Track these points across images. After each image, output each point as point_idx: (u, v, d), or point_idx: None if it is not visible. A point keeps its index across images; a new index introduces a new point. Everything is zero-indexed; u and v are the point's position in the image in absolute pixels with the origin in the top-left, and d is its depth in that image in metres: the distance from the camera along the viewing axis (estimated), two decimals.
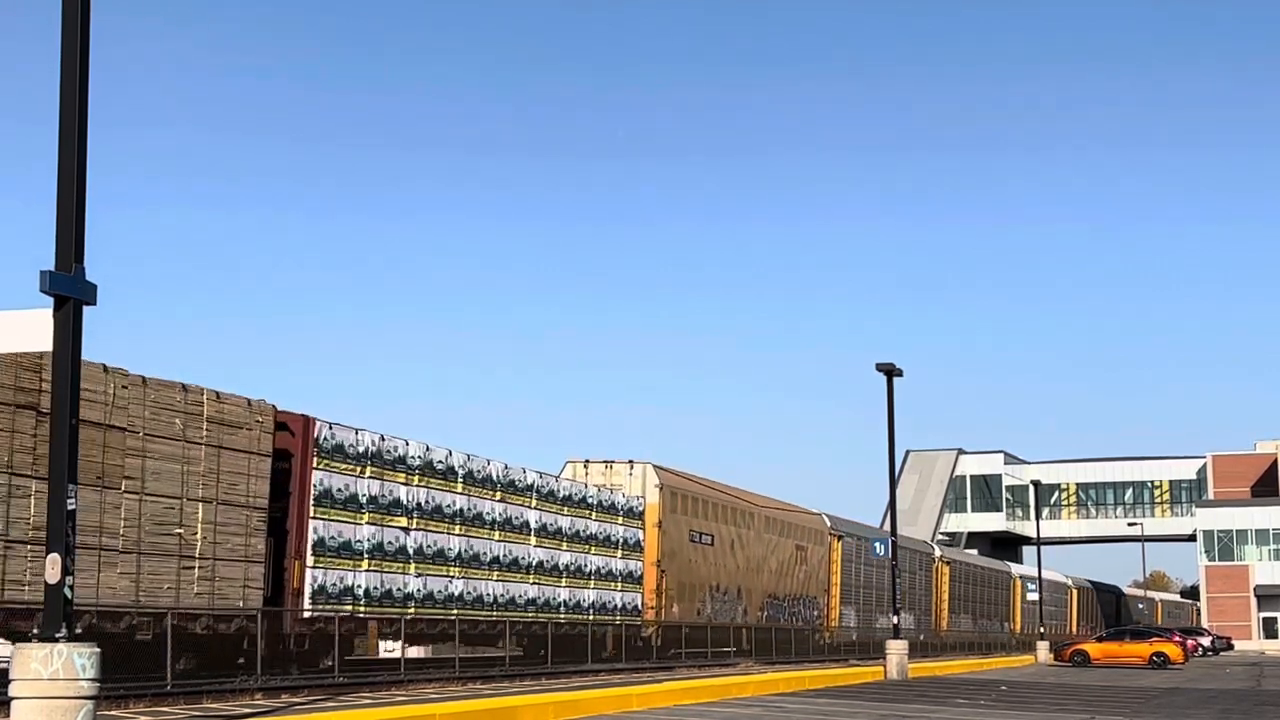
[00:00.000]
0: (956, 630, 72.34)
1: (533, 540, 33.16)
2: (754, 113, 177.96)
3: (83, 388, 15.93)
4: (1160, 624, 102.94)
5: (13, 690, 12.34)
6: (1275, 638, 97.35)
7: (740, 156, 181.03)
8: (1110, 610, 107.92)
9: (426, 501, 28.63)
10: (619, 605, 37.64)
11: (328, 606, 25.17)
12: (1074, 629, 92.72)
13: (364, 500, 26.56)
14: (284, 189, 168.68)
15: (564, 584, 34.67)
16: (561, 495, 34.82)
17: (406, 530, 27.87)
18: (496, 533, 31.50)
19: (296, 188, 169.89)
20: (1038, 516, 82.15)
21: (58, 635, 12.40)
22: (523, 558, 32.66)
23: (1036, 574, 76.91)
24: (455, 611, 29.35)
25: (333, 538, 25.54)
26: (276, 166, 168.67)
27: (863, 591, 60.05)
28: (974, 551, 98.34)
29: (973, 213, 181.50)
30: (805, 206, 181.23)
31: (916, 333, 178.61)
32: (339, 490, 25.79)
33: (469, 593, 30.19)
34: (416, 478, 28.32)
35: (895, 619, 41.60)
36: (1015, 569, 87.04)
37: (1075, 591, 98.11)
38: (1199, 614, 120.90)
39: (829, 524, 56.47)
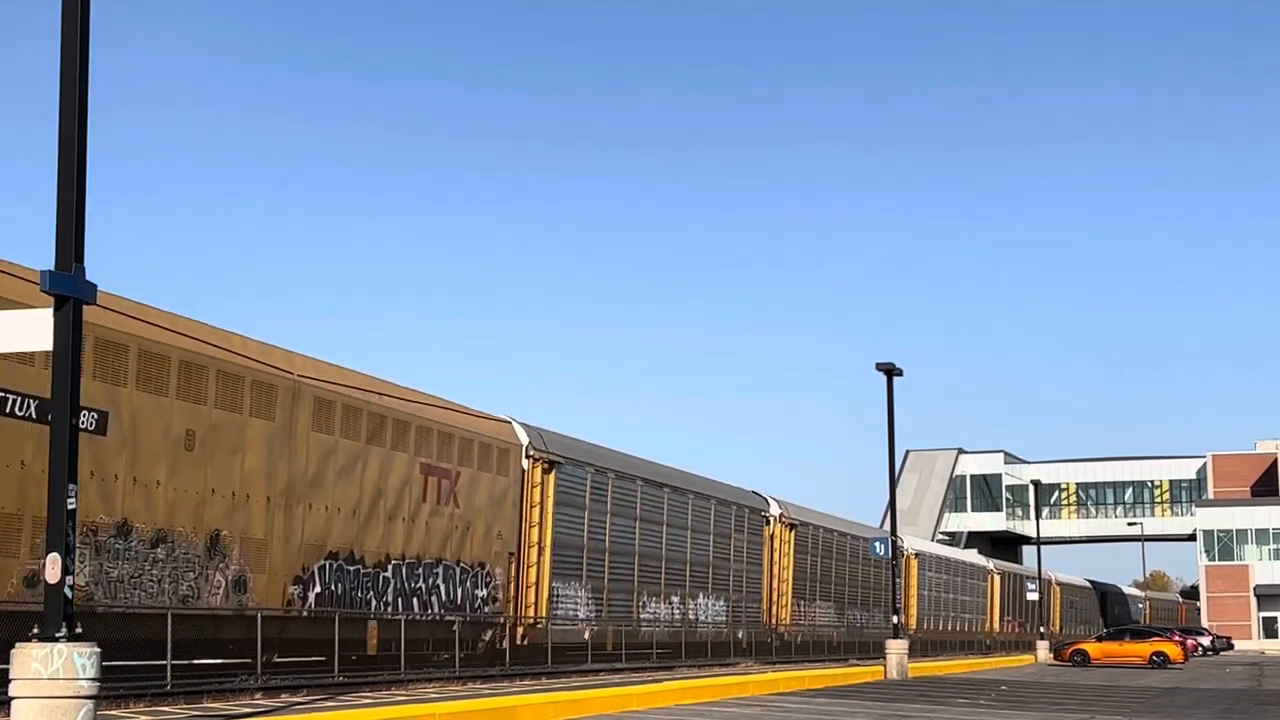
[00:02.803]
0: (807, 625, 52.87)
1: None
2: (754, 108, 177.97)
3: None
4: (1145, 623, 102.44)
5: (13, 690, 12.33)
6: (1275, 637, 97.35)
7: (740, 153, 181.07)
8: (1089, 608, 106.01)
9: None
10: None
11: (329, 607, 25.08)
12: (994, 624, 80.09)
13: None
14: (281, 183, 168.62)
15: None
16: None
17: None
18: None
19: (295, 185, 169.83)
20: (1038, 516, 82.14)
21: (58, 635, 12.38)
22: None
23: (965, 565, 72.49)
24: None
25: None
26: (274, 160, 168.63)
27: (614, 560, 36.75)
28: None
29: (973, 212, 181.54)
30: (805, 205, 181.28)
31: (916, 332, 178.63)
32: None
33: None
34: None
35: (895, 619, 41.56)
36: (909, 542, 65.69)
37: (997, 578, 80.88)
38: (1187, 612, 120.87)
39: (524, 437, 32.84)
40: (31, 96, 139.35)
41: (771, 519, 48.41)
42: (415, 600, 28.22)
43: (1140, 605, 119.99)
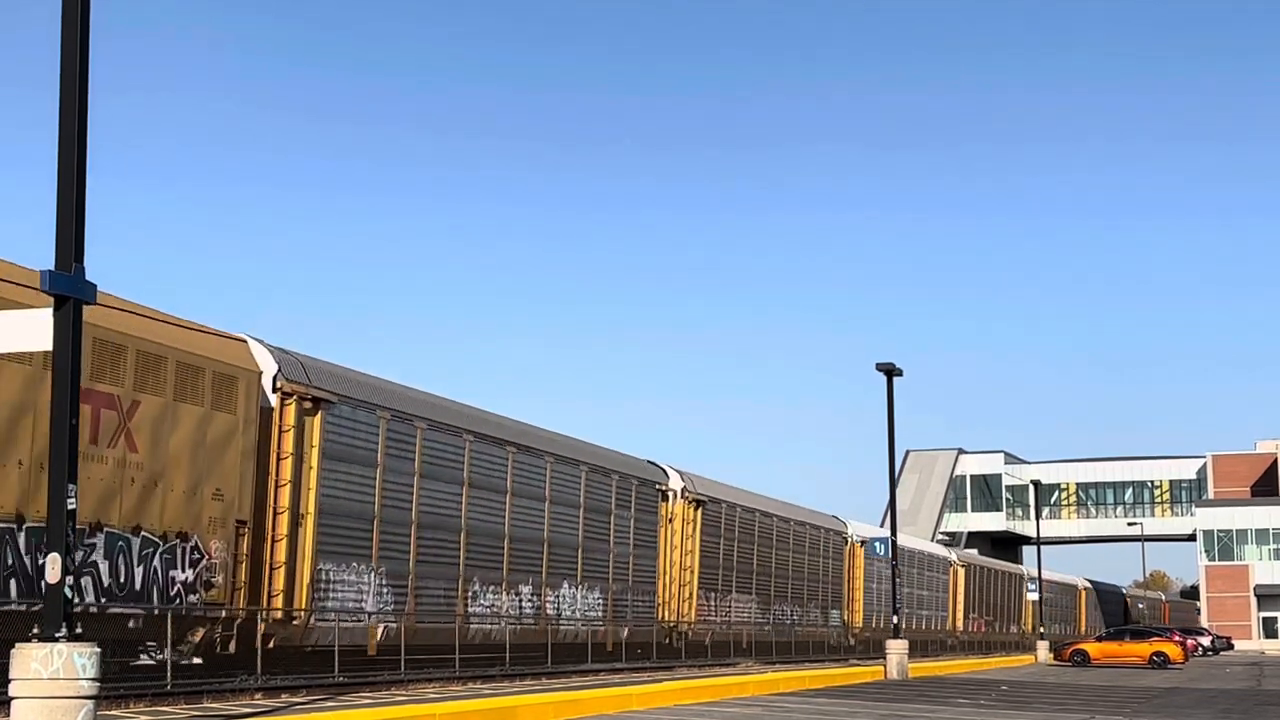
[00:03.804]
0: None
1: None
2: (754, 108, 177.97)
3: None
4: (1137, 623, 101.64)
5: (13, 690, 12.33)
6: (1275, 637, 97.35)
7: (740, 153, 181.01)
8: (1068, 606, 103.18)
9: None
10: None
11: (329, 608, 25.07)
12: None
13: None
14: (280, 180, 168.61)
15: None
16: None
17: None
18: None
19: (294, 182, 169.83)
20: (1038, 516, 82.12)
21: (58, 635, 12.38)
22: None
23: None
24: None
25: None
26: (273, 158, 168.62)
27: (427, 537, 28.38)
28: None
29: (973, 212, 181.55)
30: (805, 205, 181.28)
31: (916, 332, 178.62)
32: None
33: None
34: None
35: (895, 618, 41.54)
36: (854, 528, 58.50)
37: (961, 571, 73.98)
38: (1171, 610, 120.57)
39: (268, 363, 24.39)
40: (32, 96, 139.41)
41: (671, 494, 40.25)
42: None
43: (1141, 607, 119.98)
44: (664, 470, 40.73)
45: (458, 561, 29.38)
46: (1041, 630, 70.82)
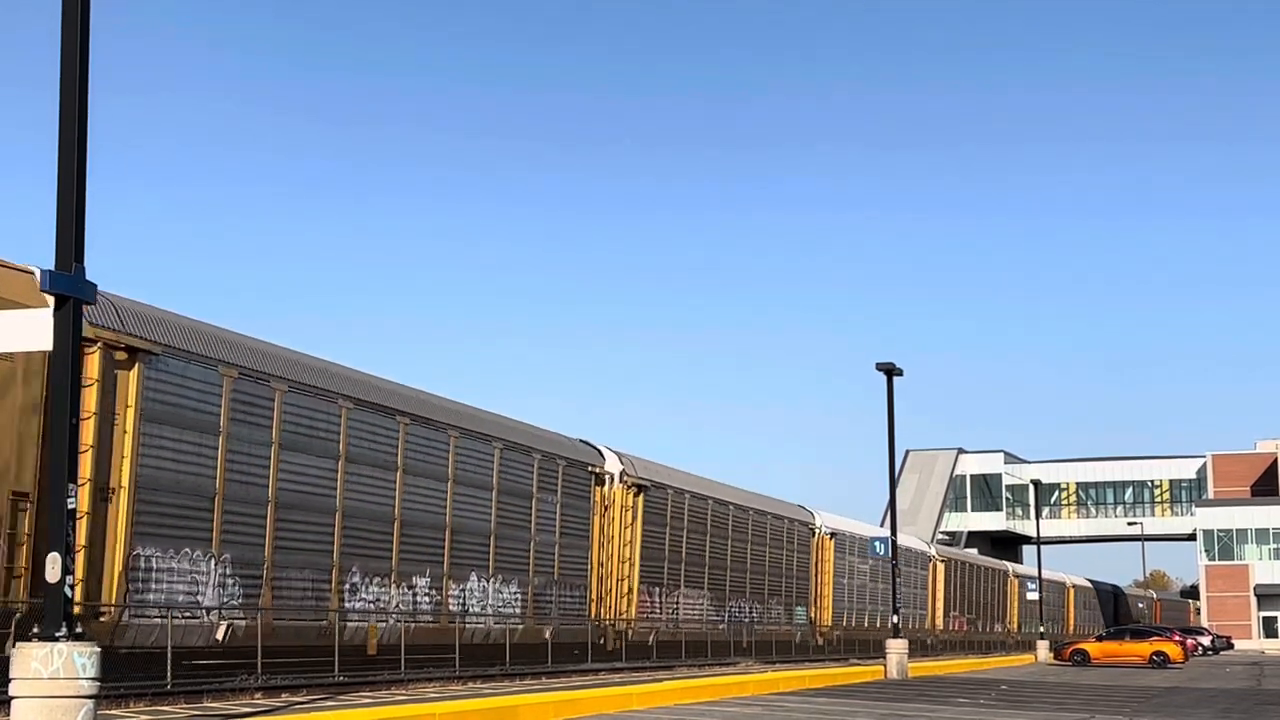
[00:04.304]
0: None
1: None
2: (754, 108, 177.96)
3: None
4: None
5: (13, 690, 12.33)
6: (1275, 637, 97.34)
7: (740, 153, 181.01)
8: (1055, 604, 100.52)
9: None
10: None
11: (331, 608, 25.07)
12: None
13: None
14: (279, 178, 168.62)
15: None
16: None
17: None
18: None
19: (294, 182, 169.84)
20: (1038, 516, 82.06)
21: (58, 635, 12.38)
22: None
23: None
24: None
25: None
26: (271, 156, 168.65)
27: (288, 519, 24.47)
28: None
29: (973, 212, 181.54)
30: (805, 205, 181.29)
31: (916, 332, 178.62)
32: None
33: None
34: None
35: (895, 618, 41.53)
36: (822, 519, 53.96)
37: (941, 566, 69.79)
38: (1163, 609, 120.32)
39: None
40: (32, 95, 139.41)
41: (607, 477, 36.25)
42: None
43: (1140, 605, 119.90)
44: (599, 451, 36.58)
45: (331, 548, 25.22)
46: (1042, 630, 70.78)
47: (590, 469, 35.59)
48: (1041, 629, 71.01)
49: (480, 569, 30.39)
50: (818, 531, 52.68)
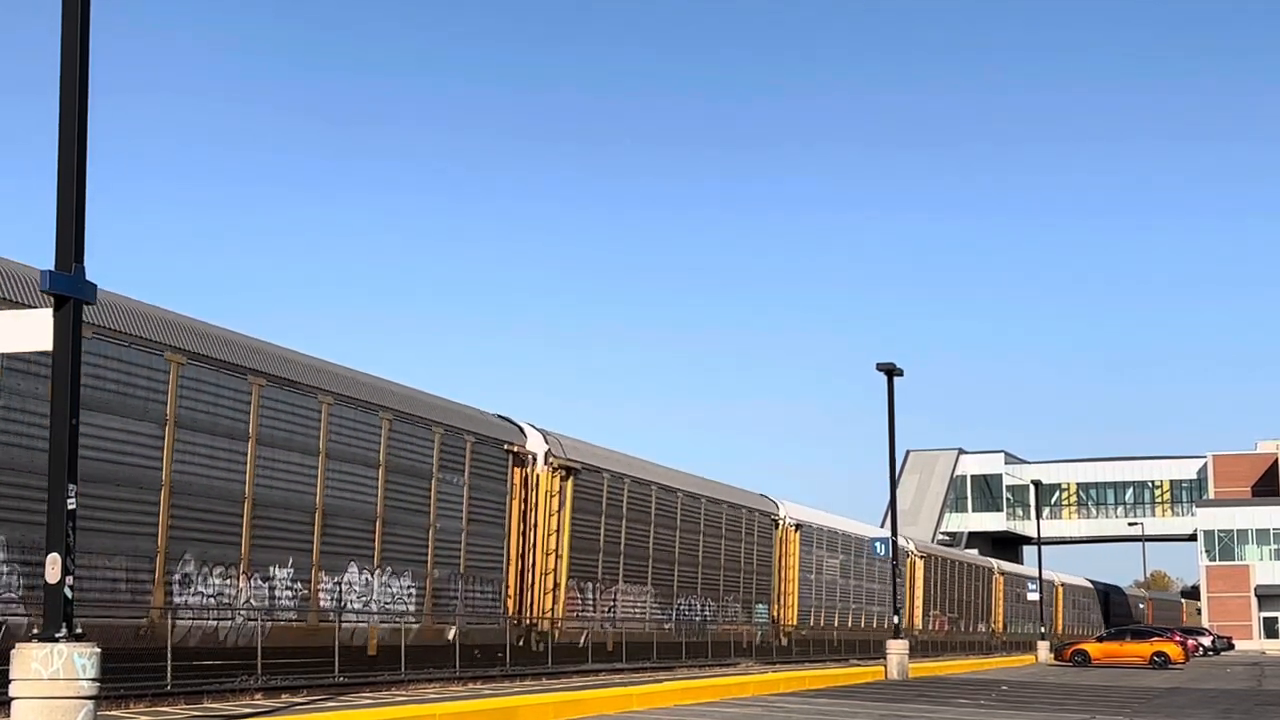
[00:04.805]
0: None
1: None
2: (754, 108, 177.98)
3: None
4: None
5: (13, 690, 12.32)
6: (1276, 637, 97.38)
7: (740, 153, 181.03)
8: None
9: None
10: None
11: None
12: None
13: None
14: (278, 178, 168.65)
15: None
16: None
17: None
18: None
19: (294, 182, 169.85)
20: (1038, 516, 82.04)
21: (58, 635, 12.38)
22: None
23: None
24: None
25: None
26: (270, 155, 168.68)
27: (82, 492, 15.27)
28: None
29: (973, 212, 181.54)
30: (805, 205, 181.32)
31: (916, 332, 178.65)
32: None
33: None
34: None
35: (896, 618, 41.52)
36: (786, 509, 49.66)
37: (920, 562, 65.46)
38: (1154, 609, 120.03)
39: None
40: (32, 95, 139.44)
41: (529, 458, 31.90)
42: None
43: (1140, 605, 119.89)
44: (519, 428, 32.22)
45: (155, 531, 21.01)
46: (1042, 630, 70.77)
47: (508, 447, 31.04)
48: (1042, 629, 70.99)
49: (362, 559, 25.94)
50: (781, 522, 48.36)
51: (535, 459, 32.15)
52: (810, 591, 50.59)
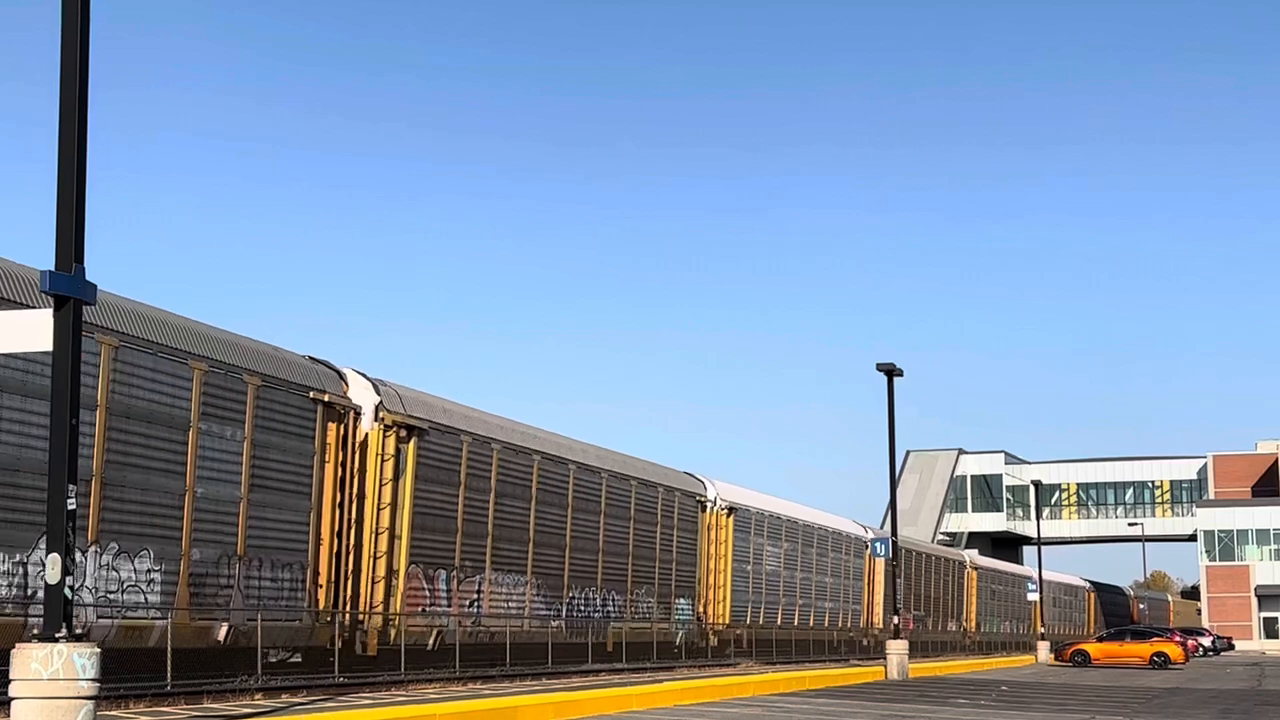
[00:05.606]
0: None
1: None
2: (754, 108, 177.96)
3: None
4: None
5: (13, 690, 12.31)
6: (1276, 637, 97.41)
7: (740, 153, 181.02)
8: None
9: None
10: None
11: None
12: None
13: None
14: (280, 180, 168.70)
15: None
16: None
17: None
18: None
19: (294, 182, 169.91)
20: (1038, 516, 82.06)
21: (58, 635, 12.38)
22: None
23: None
24: None
25: None
26: (270, 155, 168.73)
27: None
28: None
29: (973, 212, 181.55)
30: (805, 205, 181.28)
31: (916, 332, 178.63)
32: None
33: None
34: None
35: (895, 619, 41.52)
36: (717, 490, 42.56)
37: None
38: (1139, 607, 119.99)
39: None
40: (32, 94, 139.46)
41: (350, 412, 25.39)
42: None
43: (1142, 607, 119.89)
44: (338, 374, 25.82)
45: None
46: (1042, 630, 70.74)
47: (315, 395, 24.29)
48: (1042, 630, 70.95)
49: (90, 534, 19.36)
50: (710, 505, 41.53)
51: (358, 413, 25.56)
52: (747, 585, 43.87)
